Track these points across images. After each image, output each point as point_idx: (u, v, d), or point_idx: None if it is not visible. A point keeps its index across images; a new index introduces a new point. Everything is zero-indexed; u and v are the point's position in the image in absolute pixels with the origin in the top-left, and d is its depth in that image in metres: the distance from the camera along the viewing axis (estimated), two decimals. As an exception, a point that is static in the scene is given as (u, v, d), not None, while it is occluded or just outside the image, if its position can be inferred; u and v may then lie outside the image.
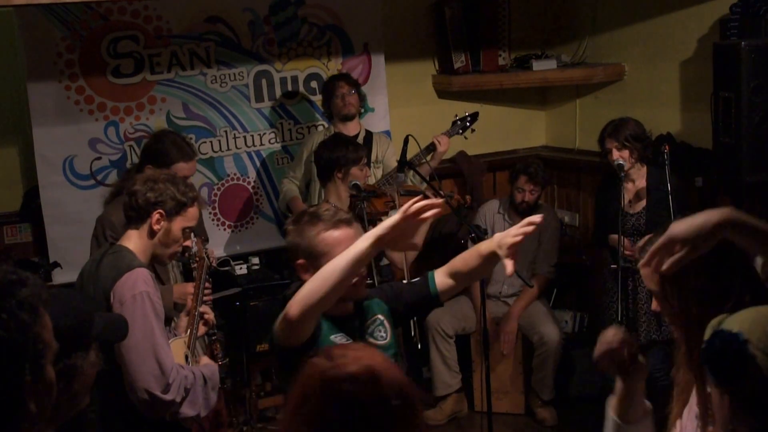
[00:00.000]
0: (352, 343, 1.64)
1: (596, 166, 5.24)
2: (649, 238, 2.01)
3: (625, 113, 4.66)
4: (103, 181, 4.95)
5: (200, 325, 3.19)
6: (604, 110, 5.46)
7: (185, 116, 5.19)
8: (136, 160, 4.74)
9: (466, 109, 5.23)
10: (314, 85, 5.49)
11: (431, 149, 4.73)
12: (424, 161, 4.60)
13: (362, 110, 5.18)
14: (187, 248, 3.08)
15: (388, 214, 4.46)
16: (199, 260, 3.37)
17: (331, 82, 5.00)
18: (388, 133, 5.45)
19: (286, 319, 2.34)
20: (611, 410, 2.00)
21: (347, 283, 2.31)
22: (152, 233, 2.94)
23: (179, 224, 2.96)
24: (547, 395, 5.06)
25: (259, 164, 5.42)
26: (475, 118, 4.95)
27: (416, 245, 2.51)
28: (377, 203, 4.30)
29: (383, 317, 2.68)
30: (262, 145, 5.41)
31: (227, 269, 5.25)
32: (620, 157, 4.35)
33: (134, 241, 2.95)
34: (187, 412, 2.86)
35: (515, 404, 5.14)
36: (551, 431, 5.00)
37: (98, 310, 2.71)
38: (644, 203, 4.46)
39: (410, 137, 4.42)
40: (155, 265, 3.15)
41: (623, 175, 4.30)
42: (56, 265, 4.73)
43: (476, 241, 4.01)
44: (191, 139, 5.13)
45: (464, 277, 2.69)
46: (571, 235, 5.83)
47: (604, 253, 4.71)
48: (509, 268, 2.38)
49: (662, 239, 1.76)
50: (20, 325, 1.24)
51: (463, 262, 2.66)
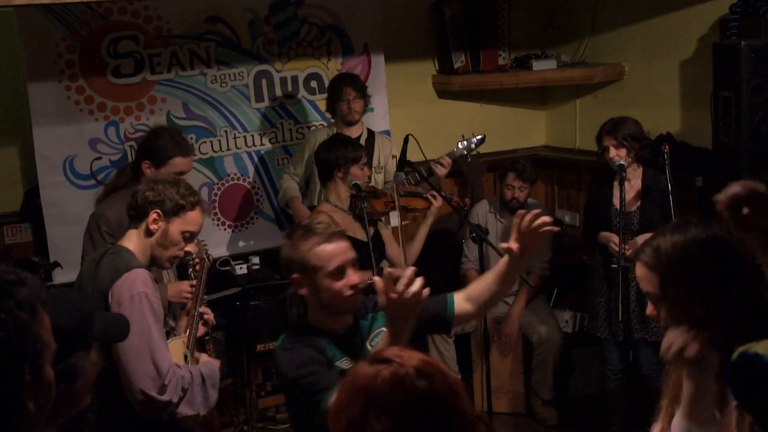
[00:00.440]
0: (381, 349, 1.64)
1: (596, 166, 5.24)
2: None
3: (625, 113, 4.65)
4: (103, 181, 4.94)
5: (200, 325, 3.20)
6: (604, 110, 5.46)
7: (185, 116, 5.19)
8: (136, 160, 4.73)
9: (466, 109, 5.22)
10: (314, 85, 5.49)
11: (431, 174, 4.61)
12: (430, 177, 4.55)
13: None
14: (188, 253, 3.06)
15: (387, 214, 4.47)
16: (199, 260, 3.37)
17: (338, 85, 4.87)
18: (387, 133, 5.45)
19: None
20: (681, 418, 1.83)
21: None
22: (149, 233, 2.93)
23: (177, 226, 2.94)
24: (547, 395, 5.06)
25: (259, 164, 5.42)
26: (481, 141, 4.89)
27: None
28: (377, 203, 4.30)
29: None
30: (262, 144, 5.41)
31: (227, 269, 5.25)
32: (617, 155, 4.34)
33: (134, 241, 2.94)
34: (184, 411, 2.85)
35: (515, 404, 5.14)
36: (551, 431, 5.00)
37: (98, 309, 2.72)
38: (639, 203, 4.46)
39: (410, 137, 4.42)
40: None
41: (624, 175, 4.30)
42: (56, 265, 4.73)
43: (477, 240, 4.02)
44: (191, 138, 5.14)
45: (482, 301, 2.62)
46: (571, 235, 5.83)
47: (591, 252, 4.72)
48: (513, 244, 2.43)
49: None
50: (19, 324, 1.24)
51: (480, 284, 2.61)
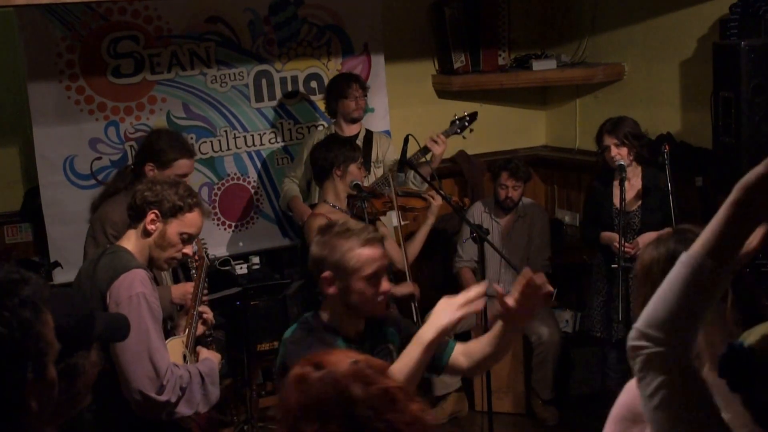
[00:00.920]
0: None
1: (596, 166, 5.23)
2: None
3: (625, 113, 4.66)
4: (103, 181, 4.94)
5: (199, 324, 3.20)
6: (604, 110, 5.46)
7: (185, 116, 5.19)
8: (136, 159, 4.73)
9: (466, 109, 5.22)
10: (314, 85, 5.49)
11: (426, 151, 4.65)
12: (423, 160, 4.58)
13: (363, 110, 5.18)
14: (186, 255, 3.06)
15: (386, 214, 4.47)
16: (198, 260, 3.37)
17: (343, 82, 4.86)
18: (388, 132, 5.45)
19: None
20: (697, 245, 1.45)
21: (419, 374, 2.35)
22: (146, 233, 2.93)
23: (175, 228, 2.93)
24: (547, 395, 5.06)
25: (259, 164, 5.42)
26: (474, 117, 4.90)
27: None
28: (376, 203, 4.30)
29: (393, 348, 2.69)
30: (262, 144, 5.41)
31: (228, 269, 5.25)
32: (618, 154, 4.35)
33: (132, 241, 2.94)
34: (183, 411, 2.85)
35: (515, 404, 5.14)
36: (551, 431, 5.00)
37: (97, 309, 2.72)
38: (640, 203, 4.46)
39: (410, 137, 4.42)
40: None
41: (624, 175, 4.30)
42: (57, 264, 4.73)
43: (477, 240, 4.00)
44: (191, 138, 5.14)
45: (476, 360, 2.59)
46: (571, 235, 5.83)
47: (591, 251, 4.73)
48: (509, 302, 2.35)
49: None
50: (23, 323, 1.24)
51: (478, 343, 2.59)
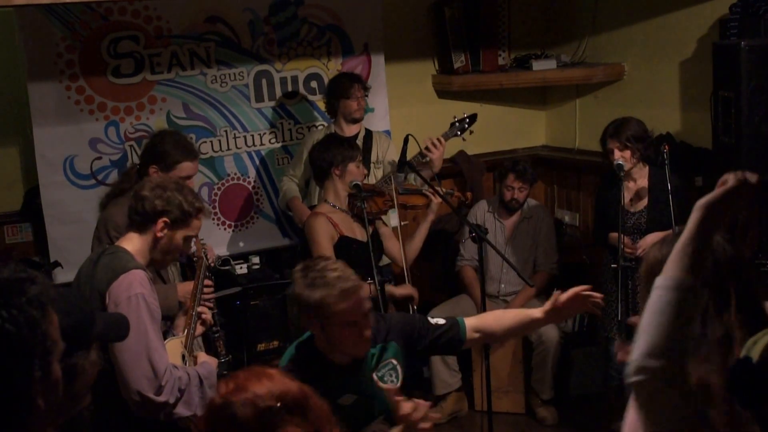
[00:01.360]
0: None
1: (596, 166, 5.24)
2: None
3: (625, 113, 4.66)
4: (103, 180, 4.95)
5: (198, 324, 3.20)
6: (603, 110, 5.47)
7: (185, 116, 5.19)
8: (136, 159, 4.72)
9: (466, 109, 5.22)
10: (314, 85, 5.49)
11: (425, 156, 4.61)
12: (423, 161, 4.58)
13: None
14: (191, 254, 3.08)
15: (387, 213, 4.47)
16: (197, 259, 3.37)
17: (345, 82, 4.85)
18: (388, 132, 5.45)
19: None
20: (672, 268, 1.57)
21: None
22: (155, 240, 2.93)
23: (182, 234, 2.96)
24: (546, 394, 5.06)
25: (259, 164, 5.42)
26: (473, 119, 4.89)
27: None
28: (377, 202, 4.30)
29: (396, 362, 2.71)
30: (262, 144, 5.41)
31: (228, 268, 5.25)
32: (621, 157, 4.36)
33: (134, 243, 2.94)
34: (181, 412, 2.85)
35: (515, 403, 5.14)
36: (551, 430, 5.00)
37: (98, 309, 2.72)
38: (645, 202, 4.47)
39: (410, 137, 4.42)
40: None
41: (623, 174, 4.31)
42: (57, 264, 4.73)
43: (477, 240, 3.99)
44: (192, 138, 5.14)
45: (490, 332, 2.75)
46: (571, 234, 5.83)
47: (603, 252, 4.72)
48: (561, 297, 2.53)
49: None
50: (30, 321, 1.25)
51: (495, 319, 2.71)
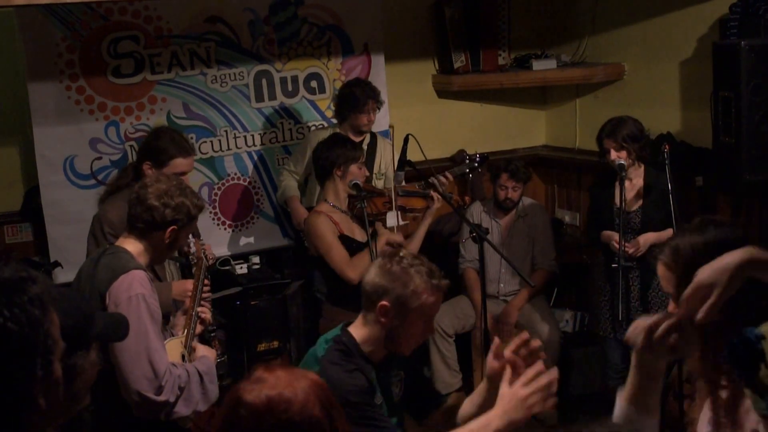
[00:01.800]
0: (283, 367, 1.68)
1: (596, 165, 5.24)
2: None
3: (625, 113, 4.65)
4: (103, 180, 4.95)
5: (197, 324, 3.19)
6: (603, 110, 5.46)
7: (185, 116, 5.20)
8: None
9: (466, 109, 5.22)
10: (314, 85, 5.49)
11: (429, 185, 4.47)
12: (426, 190, 4.51)
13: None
14: (189, 253, 3.09)
15: (386, 214, 4.46)
16: (197, 260, 3.37)
17: (360, 97, 4.75)
18: (388, 133, 5.45)
19: None
20: (623, 400, 1.83)
21: None
22: (159, 243, 2.93)
23: (186, 234, 2.99)
24: (546, 394, 5.05)
25: (259, 164, 5.42)
26: (484, 161, 4.85)
27: None
28: (377, 202, 4.30)
29: (404, 376, 2.74)
30: (262, 144, 5.41)
31: (228, 268, 5.25)
32: (618, 157, 4.36)
33: (135, 244, 2.93)
34: (182, 410, 2.86)
35: (515, 403, 5.13)
36: (551, 430, 5.00)
37: (98, 309, 2.72)
38: (641, 202, 4.47)
39: (410, 137, 4.42)
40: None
41: (624, 174, 4.31)
42: (57, 264, 4.73)
43: (477, 240, 4.00)
44: (192, 138, 5.14)
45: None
46: (571, 234, 5.84)
47: (597, 252, 4.73)
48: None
49: (691, 287, 1.70)
50: (32, 320, 1.25)
51: (465, 406, 2.62)
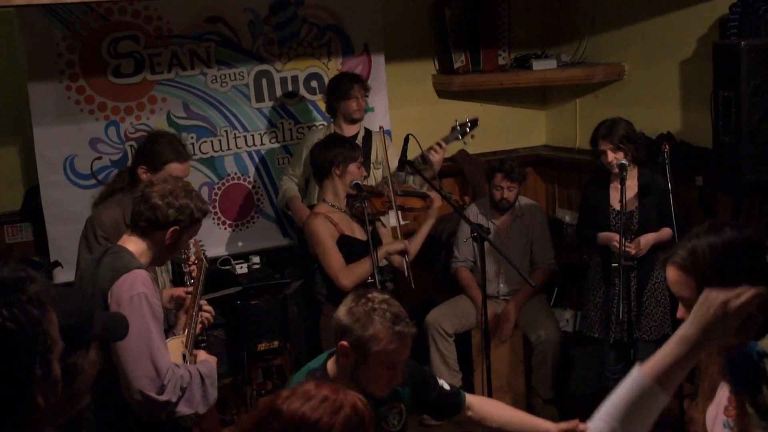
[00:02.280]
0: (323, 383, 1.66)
1: (596, 165, 5.24)
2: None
3: (625, 113, 4.66)
4: (103, 180, 4.95)
5: (197, 324, 3.20)
6: (604, 110, 5.46)
7: (185, 116, 5.20)
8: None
9: (466, 108, 5.21)
10: (314, 85, 5.50)
11: (426, 159, 4.60)
12: (423, 167, 4.56)
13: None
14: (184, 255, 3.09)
15: (385, 214, 4.46)
16: (197, 262, 3.38)
17: (345, 83, 4.84)
18: (388, 132, 5.45)
19: None
20: (648, 377, 1.72)
21: None
22: (160, 243, 2.92)
23: (188, 236, 2.98)
24: (547, 394, 5.06)
25: (259, 164, 5.42)
26: (475, 124, 4.88)
27: None
28: (376, 203, 4.29)
29: (404, 408, 2.76)
30: (262, 144, 5.41)
31: (228, 268, 5.25)
32: (615, 158, 4.37)
33: (136, 244, 2.93)
34: (183, 410, 2.85)
35: (515, 403, 5.11)
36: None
37: (98, 308, 2.72)
38: (637, 203, 4.48)
39: (410, 137, 4.41)
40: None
41: (625, 174, 4.31)
42: (57, 264, 4.73)
43: (477, 239, 3.99)
44: (192, 138, 5.16)
45: (483, 419, 2.82)
46: (571, 234, 5.82)
47: (589, 251, 4.74)
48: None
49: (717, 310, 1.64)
50: (31, 320, 1.25)
51: (494, 408, 2.81)
